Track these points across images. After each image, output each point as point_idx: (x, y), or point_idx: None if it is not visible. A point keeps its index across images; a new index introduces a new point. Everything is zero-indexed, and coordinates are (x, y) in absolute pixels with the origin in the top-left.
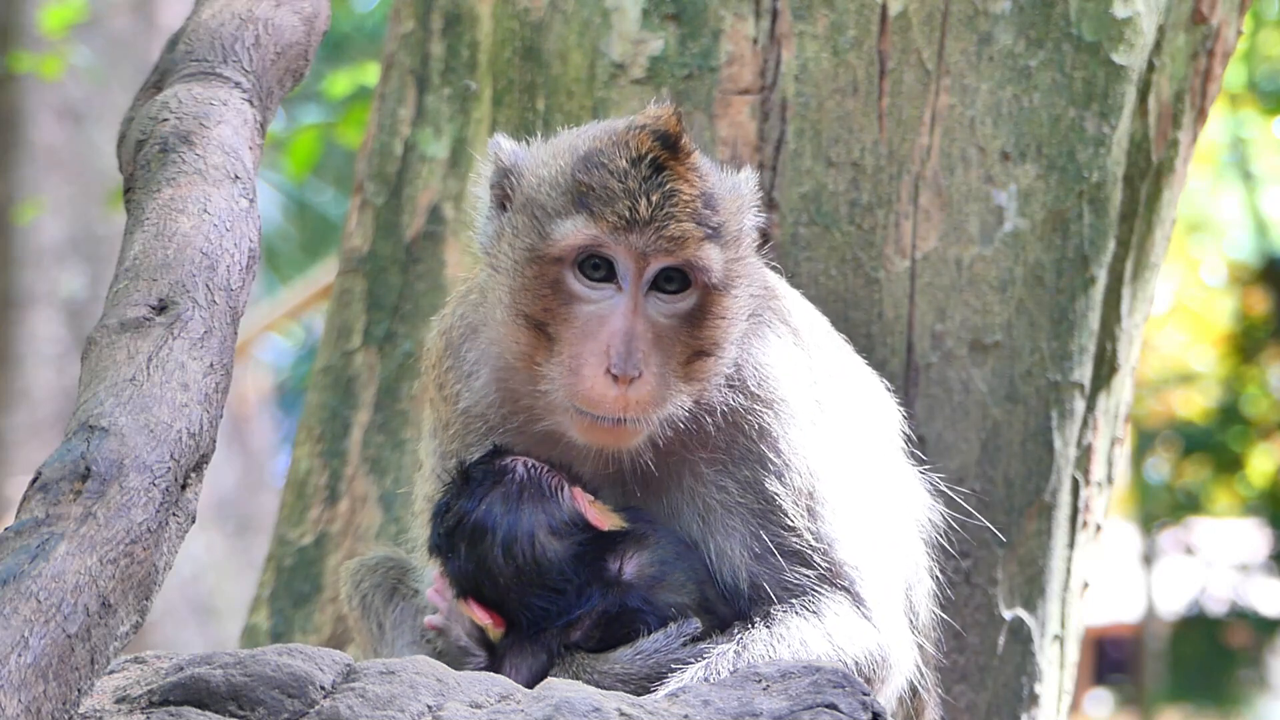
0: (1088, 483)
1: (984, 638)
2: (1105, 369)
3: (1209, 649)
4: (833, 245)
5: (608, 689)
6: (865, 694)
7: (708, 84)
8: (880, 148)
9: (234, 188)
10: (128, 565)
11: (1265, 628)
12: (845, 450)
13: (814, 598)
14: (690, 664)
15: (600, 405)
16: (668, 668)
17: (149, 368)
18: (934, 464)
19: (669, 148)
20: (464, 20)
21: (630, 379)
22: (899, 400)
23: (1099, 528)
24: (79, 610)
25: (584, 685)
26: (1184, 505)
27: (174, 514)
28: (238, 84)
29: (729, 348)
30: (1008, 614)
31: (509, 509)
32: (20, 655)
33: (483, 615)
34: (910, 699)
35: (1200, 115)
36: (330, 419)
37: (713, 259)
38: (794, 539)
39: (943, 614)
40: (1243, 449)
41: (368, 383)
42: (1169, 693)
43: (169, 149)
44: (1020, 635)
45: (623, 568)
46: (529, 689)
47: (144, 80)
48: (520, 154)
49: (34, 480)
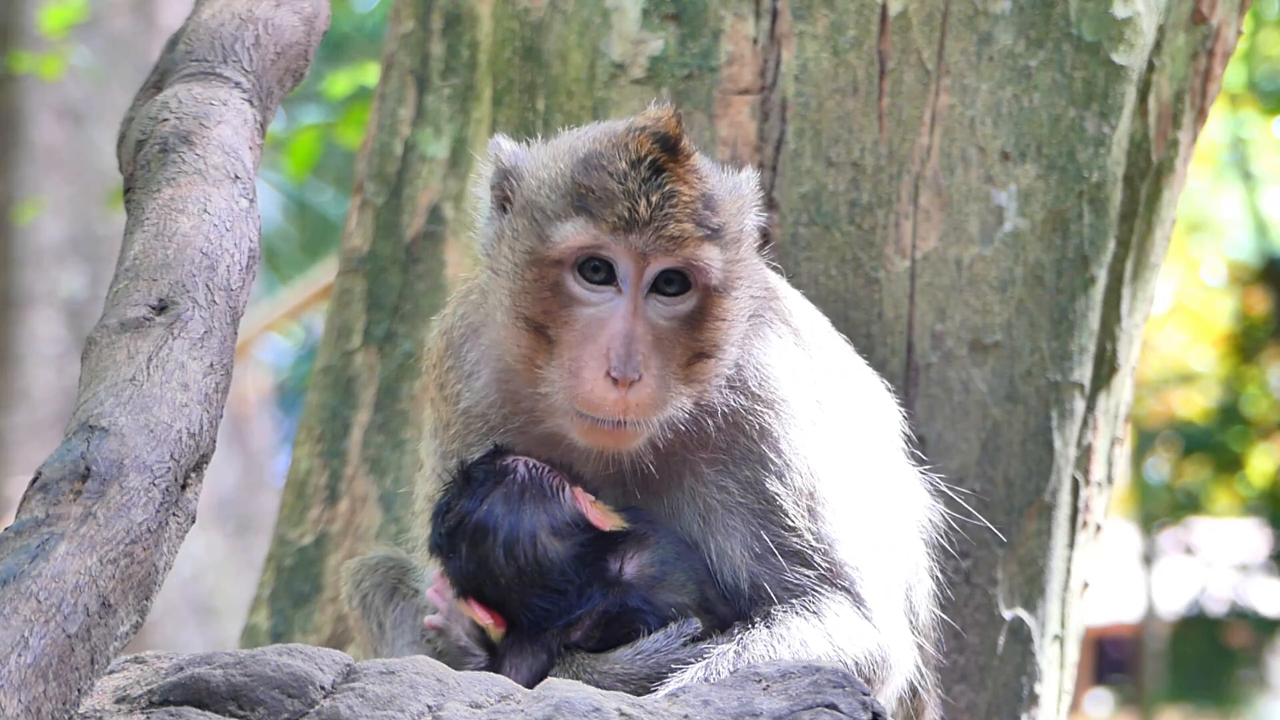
0: (1088, 483)
1: (984, 638)
2: (1105, 369)
3: (1209, 649)
4: (833, 245)
5: (608, 689)
6: (865, 694)
7: (708, 84)
8: (880, 148)
9: (234, 188)
10: (128, 565)
11: (1265, 628)
12: (846, 450)
13: (814, 598)
14: (690, 664)
15: (600, 408)
16: (668, 668)
17: (149, 368)
18: (934, 464)
19: (668, 149)
20: (464, 20)
21: (630, 382)
22: (899, 400)
23: (1099, 528)
24: (79, 610)
25: (584, 685)
26: (1184, 505)
27: (174, 514)
28: (238, 84)
29: (730, 349)
30: (1008, 614)
31: (510, 509)
32: (20, 655)
33: (483, 615)
34: (910, 699)
35: (1200, 115)
36: (330, 419)
37: (713, 260)
38: (794, 539)
39: (943, 614)
40: (1243, 449)
41: (368, 383)
42: (1169, 693)
43: (169, 149)
44: (1020, 635)
45: (623, 568)
46: (529, 689)
47: (144, 80)
48: (520, 155)
49: (34, 480)
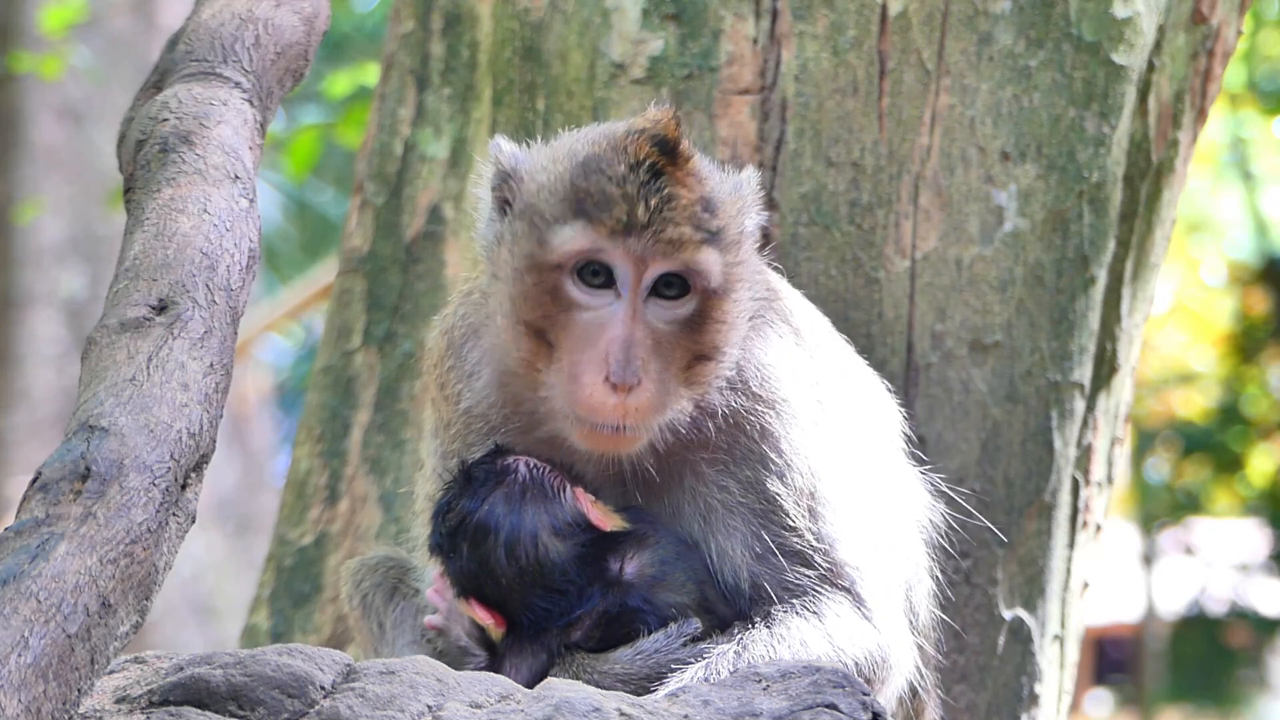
0: (1088, 483)
1: (984, 638)
2: (1105, 369)
3: (1209, 649)
4: (833, 245)
5: (608, 689)
6: (865, 694)
7: (708, 84)
8: (880, 148)
9: (234, 188)
10: (128, 565)
11: (1265, 628)
12: (846, 450)
13: (815, 598)
14: (690, 664)
15: (599, 413)
16: (668, 668)
17: (149, 368)
18: (934, 464)
19: (667, 153)
20: (464, 20)
21: (629, 387)
22: (899, 400)
23: (1099, 528)
24: (79, 610)
25: (584, 685)
26: (1184, 505)
27: (174, 514)
28: (238, 84)
29: (730, 351)
30: (1008, 614)
31: (511, 509)
32: (20, 655)
33: (484, 615)
34: (910, 699)
35: (1200, 115)
36: (330, 419)
37: (712, 263)
38: (795, 539)
39: (943, 614)
40: (1243, 449)
41: (368, 383)
42: (1169, 693)
43: (169, 149)
44: (1020, 635)
45: (623, 568)
46: (529, 689)
47: (144, 80)
48: (520, 157)
49: (34, 480)
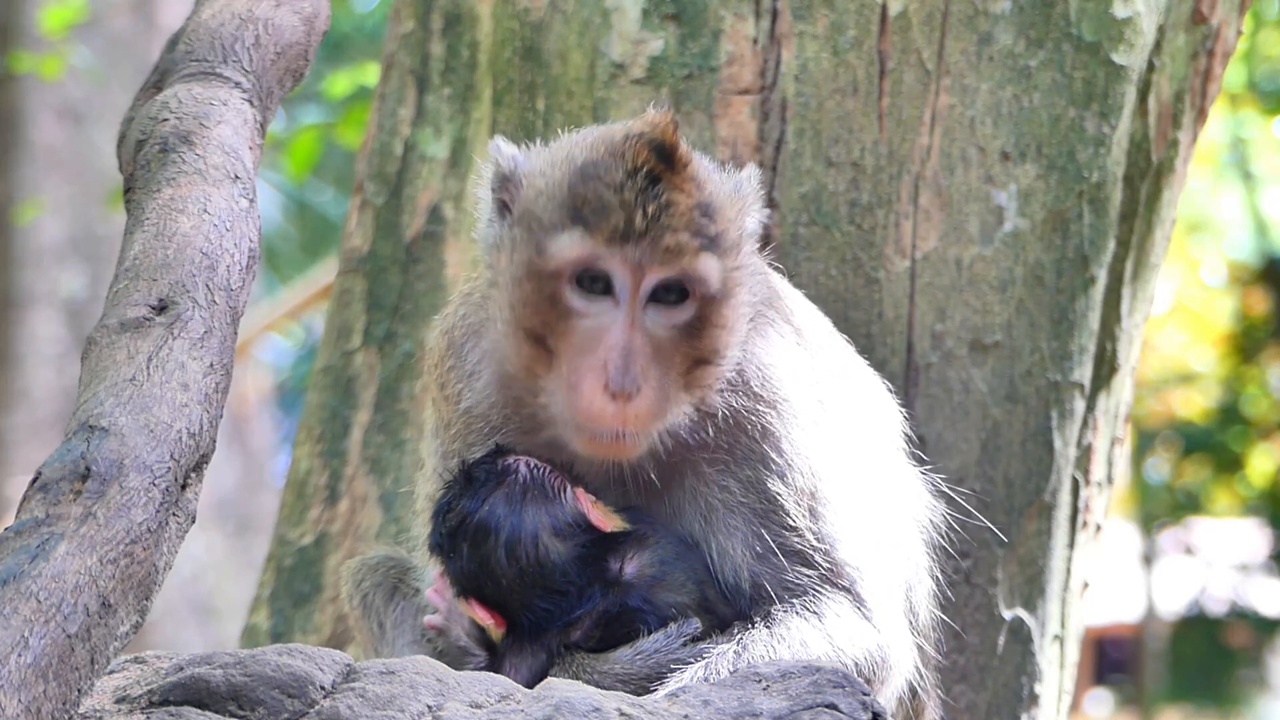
0: (1088, 483)
1: (984, 638)
2: (1105, 369)
3: (1209, 649)
4: (833, 245)
5: (608, 689)
6: (865, 694)
7: (708, 84)
8: (880, 148)
9: (234, 188)
10: (128, 565)
11: (1265, 628)
12: (847, 450)
13: (815, 598)
14: (690, 664)
15: (599, 421)
16: (668, 668)
17: (149, 368)
18: (934, 464)
19: (664, 158)
20: (464, 20)
21: (629, 395)
22: (899, 400)
23: (1099, 528)
24: (79, 610)
25: (584, 685)
26: (1184, 505)
27: (174, 514)
28: (238, 84)
29: (730, 354)
30: (1008, 614)
31: (512, 510)
32: (20, 655)
33: (484, 615)
34: (910, 700)
35: (1200, 115)
36: (330, 419)
37: (710, 269)
38: (795, 539)
39: (943, 614)
40: (1243, 449)
41: (368, 383)
42: (1169, 693)
43: (169, 149)
44: (1020, 635)
45: (623, 568)
46: (529, 689)
47: (144, 80)
48: (519, 160)
49: (34, 480)
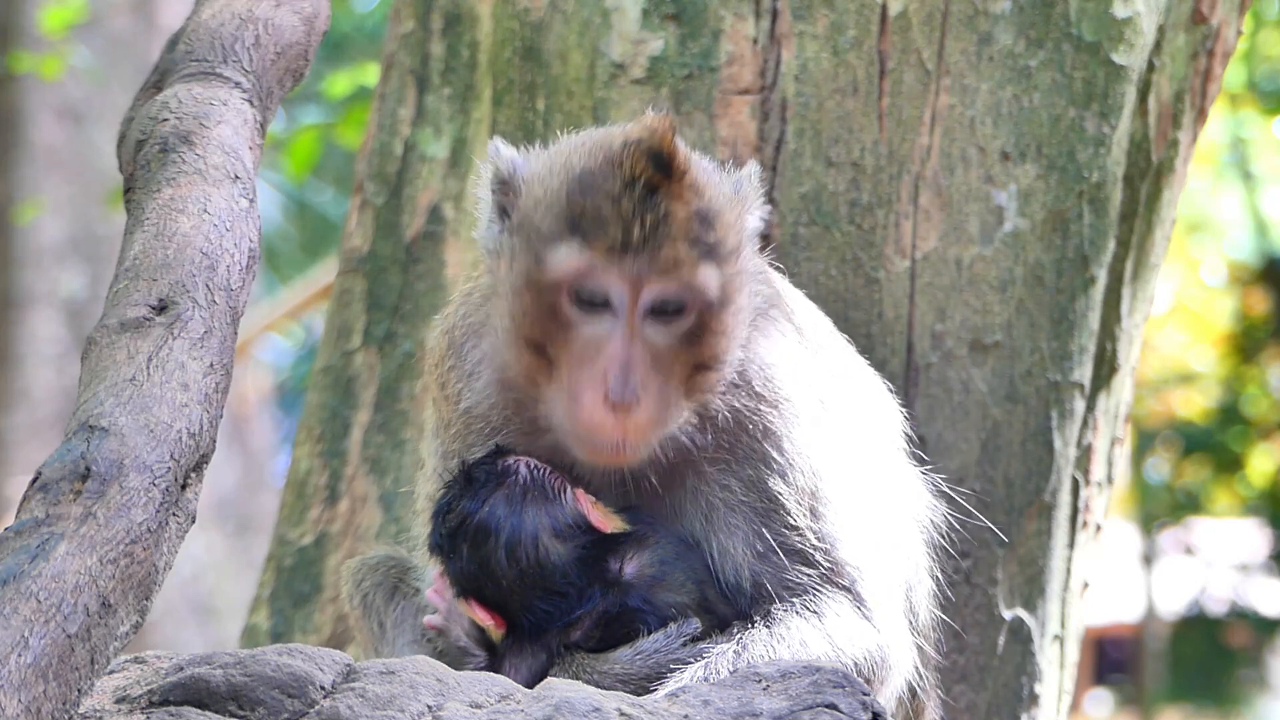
0: (1088, 483)
1: (984, 638)
2: (1105, 369)
3: (1209, 649)
4: (833, 245)
5: (608, 689)
6: (865, 694)
7: (708, 84)
8: (880, 148)
9: (234, 188)
10: (128, 565)
11: (1265, 628)
12: (848, 450)
13: (815, 597)
14: (690, 664)
15: (600, 432)
16: (668, 668)
17: (149, 368)
18: (934, 464)
19: (662, 167)
20: (464, 20)
21: (629, 406)
22: (899, 400)
23: (1099, 528)
24: (79, 610)
25: (584, 685)
26: (1184, 505)
27: (174, 514)
28: (238, 84)
29: (730, 358)
30: (1008, 614)
31: (512, 511)
32: (20, 655)
33: (484, 616)
34: (910, 700)
35: (1200, 115)
36: (330, 419)
37: (709, 280)
38: (796, 538)
39: (943, 614)
40: (1243, 449)
41: (368, 383)
42: (1169, 693)
43: (169, 149)
44: (1020, 635)
45: (623, 568)
46: (529, 689)
47: (144, 80)
48: (518, 164)
49: (34, 480)
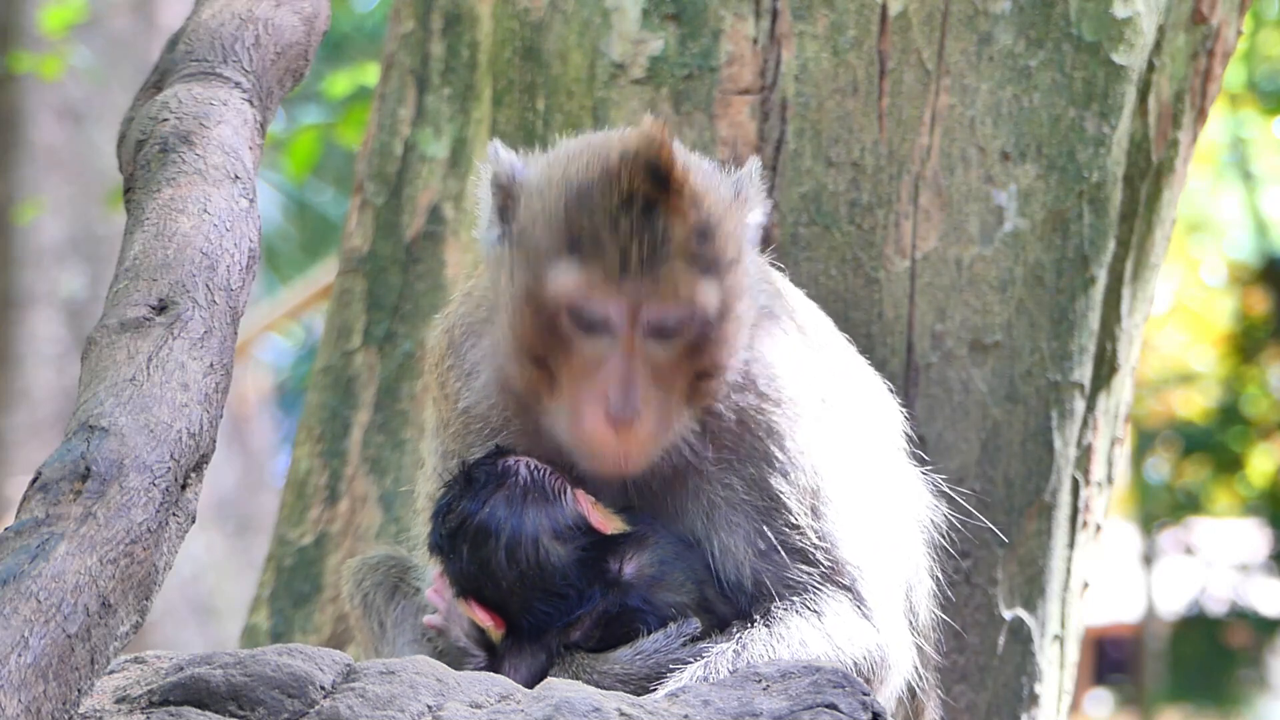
0: (1088, 483)
1: (984, 638)
2: (1105, 369)
3: (1209, 649)
4: (833, 245)
5: (608, 689)
6: (865, 694)
7: (708, 84)
8: (880, 148)
9: (234, 188)
10: (128, 565)
11: (1265, 628)
12: (849, 449)
13: (815, 596)
14: (690, 664)
15: (602, 447)
16: (667, 668)
17: (149, 368)
18: (934, 464)
19: (660, 182)
20: (464, 20)
21: (629, 422)
22: (899, 400)
23: (1099, 528)
24: (79, 610)
25: (584, 685)
26: (1184, 505)
27: (174, 514)
28: (238, 84)
29: (732, 363)
30: (1008, 614)
31: (513, 512)
32: (20, 655)
33: (484, 616)
34: (909, 700)
35: (1200, 115)
36: (330, 419)
37: (709, 298)
38: (798, 536)
39: (943, 614)
40: (1243, 449)
41: (368, 383)
42: (1169, 693)
43: (169, 149)
44: (1020, 635)
45: (622, 568)
46: (529, 689)
47: (144, 80)
48: (518, 169)
49: (34, 480)
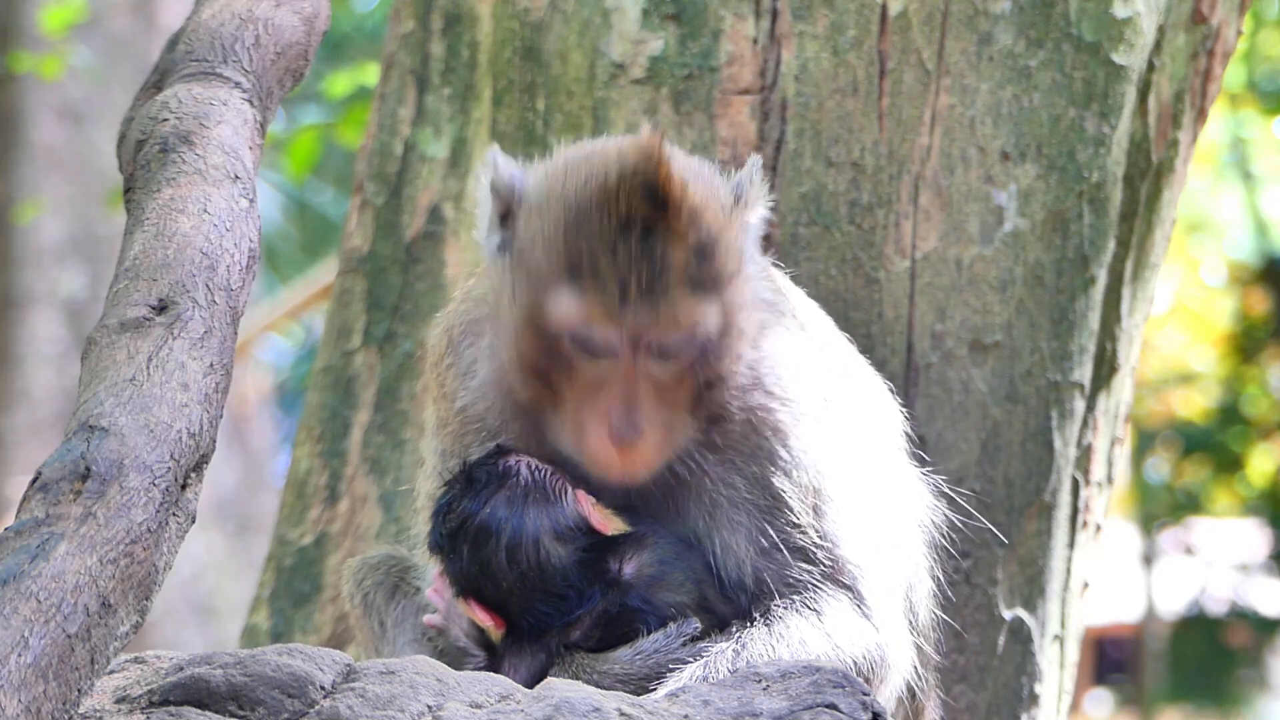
0: (1088, 483)
1: (984, 638)
2: (1105, 369)
3: (1209, 649)
4: (833, 245)
5: (608, 689)
6: (865, 694)
7: (708, 84)
8: (880, 148)
9: (234, 188)
10: (128, 565)
11: (1265, 628)
12: (851, 448)
13: (815, 595)
14: (690, 663)
15: (606, 462)
16: (667, 667)
17: (149, 368)
18: (934, 464)
19: (658, 204)
20: (464, 20)
21: (633, 440)
22: (899, 400)
23: (1099, 528)
24: (79, 610)
25: (584, 685)
26: (1184, 505)
27: (174, 514)
28: (238, 84)
29: (736, 370)
30: (1008, 614)
31: (513, 512)
32: (20, 655)
33: (484, 616)
34: (909, 700)
35: (1200, 115)
36: (330, 419)
37: (711, 319)
38: (799, 535)
39: (943, 614)
40: (1243, 449)
41: (368, 383)
42: (1169, 693)
43: (169, 149)
44: (1020, 635)
45: (622, 568)
46: (529, 689)
47: (144, 80)
48: (518, 180)
49: (34, 480)
